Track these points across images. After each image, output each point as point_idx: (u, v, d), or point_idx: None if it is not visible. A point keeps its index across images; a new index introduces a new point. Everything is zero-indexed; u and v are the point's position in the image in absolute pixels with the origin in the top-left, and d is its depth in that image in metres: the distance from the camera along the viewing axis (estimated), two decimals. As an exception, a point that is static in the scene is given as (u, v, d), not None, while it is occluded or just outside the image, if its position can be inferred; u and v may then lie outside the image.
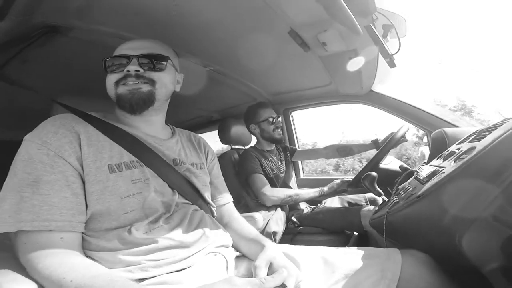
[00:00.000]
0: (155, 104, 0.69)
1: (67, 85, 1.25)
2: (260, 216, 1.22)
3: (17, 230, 0.49)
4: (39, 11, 0.72)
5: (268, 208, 1.40)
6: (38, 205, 0.50)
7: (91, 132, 0.61)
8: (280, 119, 1.65)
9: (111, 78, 0.67)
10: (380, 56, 0.98)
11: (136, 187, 0.60)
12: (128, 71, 0.65)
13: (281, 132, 1.62)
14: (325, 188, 1.41)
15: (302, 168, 2.20)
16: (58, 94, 0.79)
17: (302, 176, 2.17)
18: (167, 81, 0.71)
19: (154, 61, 0.68)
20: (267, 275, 0.57)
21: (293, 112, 2.11)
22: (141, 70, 0.66)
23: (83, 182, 0.56)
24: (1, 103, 1.23)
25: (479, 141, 0.60)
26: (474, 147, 0.56)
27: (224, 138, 1.65)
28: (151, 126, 0.74)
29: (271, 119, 1.56)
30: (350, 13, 0.60)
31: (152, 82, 0.68)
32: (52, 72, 1.11)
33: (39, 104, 0.88)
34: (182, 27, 0.93)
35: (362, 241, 1.28)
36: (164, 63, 0.70)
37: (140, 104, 0.66)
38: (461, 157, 0.60)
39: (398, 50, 0.82)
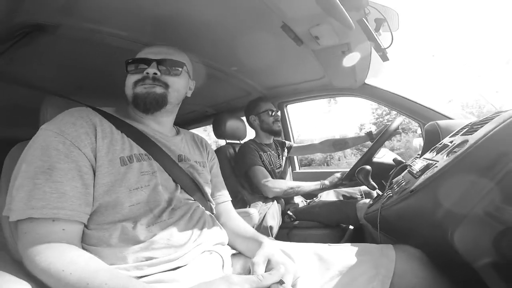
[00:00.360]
0: (167, 106, 0.73)
1: (59, 83, 1.23)
2: (255, 211, 1.22)
3: (27, 217, 0.49)
4: (21, 10, 0.70)
5: (264, 200, 1.40)
6: (50, 192, 0.51)
7: (105, 125, 0.63)
8: (279, 113, 1.66)
9: (132, 78, 0.71)
10: (373, 49, 0.97)
11: (144, 179, 0.62)
12: (147, 73, 0.69)
13: (280, 125, 1.63)
14: (326, 181, 1.40)
15: (298, 162, 2.21)
16: (49, 91, 0.79)
17: (297, 170, 2.18)
18: (180, 86, 0.76)
19: (170, 67, 0.73)
20: (265, 271, 0.56)
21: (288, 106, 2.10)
22: (159, 73, 0.70)
23: (94, 174, 0.57)
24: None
25: (471, 134, 0.60)
26: (467, 141, 0.56)
27: (218, 133, 1.64)
28: (160, 126, 0.77)
29: (270, 112, 1.59)
30: (342, 7, 0.59)
31: (166, 86, 0.72)
32: (43, 70, 1.10)
33: (28, 101, 0.87)
34: (176, 23, 0.92)
35: (358, 234, 1.28)
36: (180, 69, 0.75)
37: (153, 104, 0.70)
38: (454, 150, 0.60)
39: (391, 44, 0.81)
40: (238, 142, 1.76)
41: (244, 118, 1.73)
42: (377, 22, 0.79)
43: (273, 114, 1.59)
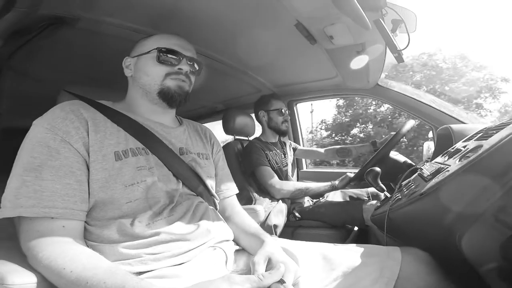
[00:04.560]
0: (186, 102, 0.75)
1: (74, 75, 1.26)
2: (261, 208, 1.22)
3: (15, 215, 0.48)
4: (45, 2, 0.72)
5: (271, 198, 1.40)
6: (40, 190, 0.50)
7: (98, 119, 0.61)
8: (288, 113, 1.66)
9: (163, 69, 0.70)
10: (388, 50, 0.95)
11: (141, 174, 0.60)
12: (180, 69, 0.71)
13: (287, 125, 1.63)
14: (337, 182, 1.37)
15: (305, 161, 2.20)
16: (65, 83, 0.81)
17: (305, 169, 2.18)
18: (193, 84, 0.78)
19: (196, 65, 0.76)
20: (266, 270, 0.55)
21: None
22: (190, 70, 0.73)
23: (88, 169, 0.56)
24: (9, 91, 1.26)
25: (486, 139, 0.59)
26: (481, 146, 0.56)
27: (228, 129, 1.65)
28: (164, 118, 0.76)
29: (281, 110, 1.59)
30: (359, 7, 0.59)
31: (190, 84, 0.75)
32: (59, 62, 1.12)
33: (46, 93, 0.90)
34: (190, 18, 0.92)
35: (363, 236, 1.28)
36: (199, 70, 0.78)
37: (181, 101, 0.72)
38: (467, 155, 0.59)
39: (407, 45, 0.80)
40: (246, 138, 1.78)
41: (253, 115, 1.74)
42: (394, 23, 0.78)
43: (283, 113, 1.59)
